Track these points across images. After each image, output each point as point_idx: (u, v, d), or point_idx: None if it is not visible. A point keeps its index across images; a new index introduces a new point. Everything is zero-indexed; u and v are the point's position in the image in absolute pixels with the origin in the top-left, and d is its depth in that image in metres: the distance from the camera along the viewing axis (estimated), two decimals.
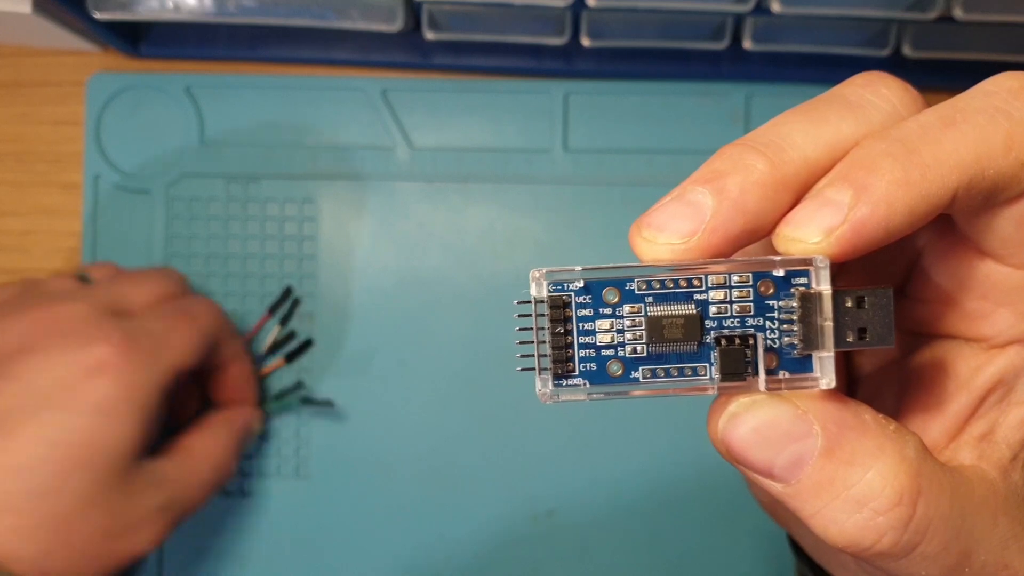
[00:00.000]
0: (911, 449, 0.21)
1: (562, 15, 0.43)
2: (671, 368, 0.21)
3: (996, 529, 0.22)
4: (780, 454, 0.20)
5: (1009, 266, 0.21)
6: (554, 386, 0.21)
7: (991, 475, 0.22)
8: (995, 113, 0.20)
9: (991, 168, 0.19)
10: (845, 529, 0.20)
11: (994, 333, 0.22)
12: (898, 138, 0.20)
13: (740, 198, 0.20)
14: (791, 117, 0.21)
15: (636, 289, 0.20)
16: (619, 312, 0.20)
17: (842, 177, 0.20)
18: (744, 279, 0.20)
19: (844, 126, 0.21)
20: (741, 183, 0.20)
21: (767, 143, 0.21)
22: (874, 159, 0.20)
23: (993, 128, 0.20)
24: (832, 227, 0.19)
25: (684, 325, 0.20)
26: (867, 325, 0.20)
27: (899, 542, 0.20)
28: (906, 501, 0.20)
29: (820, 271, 0.20)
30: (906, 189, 0.19)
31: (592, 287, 0.20)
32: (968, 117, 0.20)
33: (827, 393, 0.21)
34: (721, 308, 0.20)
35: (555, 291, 0.20)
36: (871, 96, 0.21)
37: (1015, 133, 0.20)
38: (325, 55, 0.47)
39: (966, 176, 0.19)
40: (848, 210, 0.19)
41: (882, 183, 0.19)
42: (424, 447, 0.47)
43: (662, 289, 0.20)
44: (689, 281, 0.20)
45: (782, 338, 0.20)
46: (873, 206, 0.19)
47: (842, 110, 0.21)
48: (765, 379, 0.20)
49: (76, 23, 0.44)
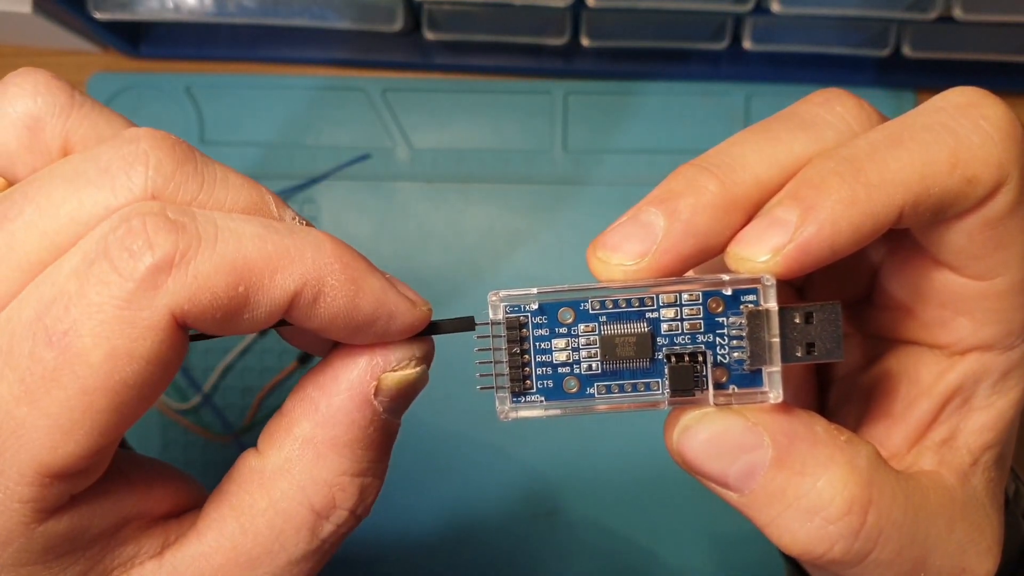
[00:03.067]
0: (863, 459, 0.21)
1: (562, 15, 0.43)
2: (625, 384, 0.21)
3: (952, 534, 0.22)
4: (732, 465, 0.21)
5: (965, 276, 0.21)
6: (512, 403, 0.21)
7: (949, 481, 0.22)
8: (941, 131, 0.20)
9: (936, 186, 0.20)
10: (798, 538, 0.21)
11: (954, 340, 0.23)
12: (846, 157, 0.20)
13: (691, 219, 0.20)
14: (746, 137, 0.22)
15: (590, 309, 0.21)
16: (574, 331, 0.21)
17: (791, 196, 0.20)
18: (694, 297, 0.21)
19: (796, 145, 0.21)
20: (693, 205, 0.20)
21: (719, 164, 0.21)
22: (822, 178, 0.20)
23: (938, 146, 0.20)
24: (779, 246, 0.20)
25: (636, 343, 0.21)
26: (815, 340, 0.21)
27: (850, 550, 0.21)
28: (856, 510, 0.21)
29: (767, 289, 0.21)
30: (852, 208, 0.19)
31: (547, 308, 0.21)
32: (915, 135, 0.20)
33: (778, 406, 0.21)
34: (672, 326, 0.21)
35: (512, 313, 0.21)
36: (825, 114, 0.22)
37: (960, 151, 0.20)
38: (325, 55, 0.47)
39: (911, 194, 0.20)
40: (795, 229, 0.20)
41: (828, 202, 0.19)
42: (424, 447, 0.47)
43: (615, 308, 0.21)
44: (641, 300, 0.21)
45: (732, 353, 0.21)
46: (819, 225, 0.19)
47: (795, 129, 0.21)
48: (714, 394, 0.21)
49: (76, 23, 0.44)
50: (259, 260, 0.18)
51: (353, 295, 0.19)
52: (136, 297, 0.17)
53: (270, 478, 0.21)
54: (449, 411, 0.47)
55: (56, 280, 0.18)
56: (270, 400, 0.47)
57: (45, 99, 0.20)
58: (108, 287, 0.17)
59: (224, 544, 0.20)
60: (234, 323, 0.19)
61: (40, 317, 0.17)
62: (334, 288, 0.19)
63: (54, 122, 0.20)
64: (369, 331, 0.20)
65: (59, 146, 0.20)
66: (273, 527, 0.20)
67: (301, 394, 0.21)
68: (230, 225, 0.18)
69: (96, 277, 0.17)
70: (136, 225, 0.18)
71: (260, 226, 0.19)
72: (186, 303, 0.18)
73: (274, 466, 0.21)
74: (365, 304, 0.19)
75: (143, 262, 0.17)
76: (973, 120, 0.20)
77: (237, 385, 0.47)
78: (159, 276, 0.17)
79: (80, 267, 0.18)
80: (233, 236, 0.18)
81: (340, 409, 0.20)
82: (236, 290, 0.18)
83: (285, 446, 0.21)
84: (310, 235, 0.19)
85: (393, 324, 0.20)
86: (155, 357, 0.18)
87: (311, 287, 0.19)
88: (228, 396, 0.47)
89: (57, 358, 0.17)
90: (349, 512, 0.21)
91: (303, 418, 0.21)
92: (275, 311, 0.19)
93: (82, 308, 0.17)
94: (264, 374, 0.47)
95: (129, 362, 0.17)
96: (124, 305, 0.17)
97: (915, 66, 0.45)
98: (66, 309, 0.17)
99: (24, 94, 0.20)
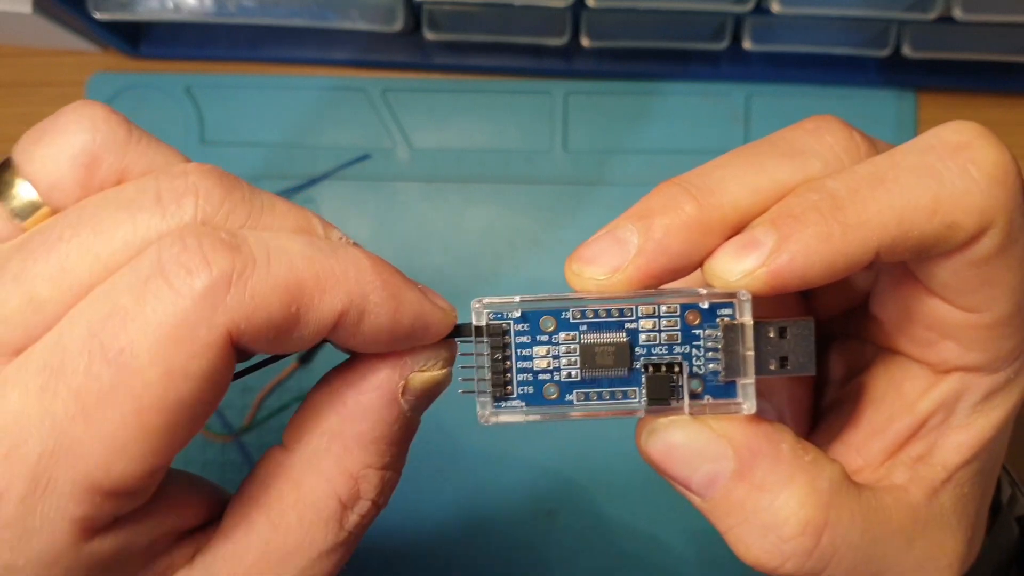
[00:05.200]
0: (824, 480, 0.21)
1: (562, 15, 0.43)
2: (603, 392, 0.22)
3: (910, 552, 0.22)
4: (695, 472, 0.22)
5: (953, 306, 0.21)
6: (493, 408, 0.22)
7: (916, 498, 0.23)
8: (925, 173, 0.20)
9: (915, 230, 0.20)
10: (752, 550, 0.22)
11: (939, 361, 0.23)
12: (829, 191, 0.20)
13: (664, 239, 0.21)
14: (730, 160, 0.22)
15: (571, 318, 0.21)
16: (555, 339, 0.21)
17: (771, 221, 0.20)
18: (672, 309, 0.21)
19: (780, 173, 0.21)
20: (667, 225, 0.21)
21: (700, 186, 0.21)
22: (803, 210, 0.20)
23: (920, 190, 0.20)
24: (752, 268, 0.20)
25: (615, 353, 0.21)
26: (788, 354, 0.21)
27: (802, 568, 0.21)
28: (810, 532, 0.21)
29: (743, 304, 0.21)
30: (827, 244, 0.20)
31: (530, 316, 0.21)
32: (898, 175, 0.20)
33: (748, 418, 0.22)
34: (650, 336, 0.21)
35: (495, 319, 0.21)
36: (815, 143, 0.22)
37: (942, 196, 0.20)
38: (325, 55, 0.47)
39: (888, 237, 0.20)
40: (769, 254, 0.20)
41: (804, 235, 0.20)
42: (424, 447, 0.47)
43: (595, 318, 0.21)
44: (621, 311, 0.21)
45: (707, 365, 0.22)
46: (791, 256, 0.20)
47: (781, 156, 0.22)
48: (689, 403, 0.22)
49: (76, 23, 0.44)
50: (310, 280, 0.18)
51: (394, 311, 0.20)
52: (194, 315, 0.17)
53: (298, 472, 0.21)
54: (449, 411, 0.47)
55: (111, 297, 0.18)
56: (270, 400, 0.47)
57: (104, 136, 0.20)
58: (164, 304, 0.17)
59: (255, 542, 0.20)
60: (283, 343, 0.19)
61: (95, 334, 0.17)
62: (377, 306, 0.19)
63: (111, 159, 0.20)
64: (406, 343, 0.20)
65: (113, 181, 0.20)
66: (303, 520, 0.21)
67: (328, 389, 0.21)
68: (281, 245, 0.19)
69: (153, 294, 0.17)
70: (192, 244, 0.18)
71: (307, 245, 0.19)
72: (243, 322, 0.18)
73: (301, 460, 0.21)
74: (405, 319, 0.20)
75: (200, 280, 0.17)
76: (961, 164, 0.20)
77: (237, 385, 0.47)
78: (217, 294, 0.17)
79: (136, 284, 0.17)
80: (285, 256, 0.18)
81: (369, 406, 0.21)
82: (289, 310, 0.18)
83: (312, 440, 0.21)
84: (350, 253, 0.20)
85: (428, 334, 0.21)
86: (210, 376, 0.18)
87: (356, 306, 0.19)
88: (228, 396, 0.47)
89: (113, 376, 0.17)
90: (372, 502, 0.21)
91: (331, 413, 0.21)
92: (322, 330, 0.19)
93: (139, 325, 0.17)
94: (264, 374, 0.47)
95: (185, 381, 0.17)
96: (181, 323, 0.17)
97: (915, 66, 0.45)
98: (123, 326, 0.17)
99: (82, 130, 0.20)
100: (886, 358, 0.25)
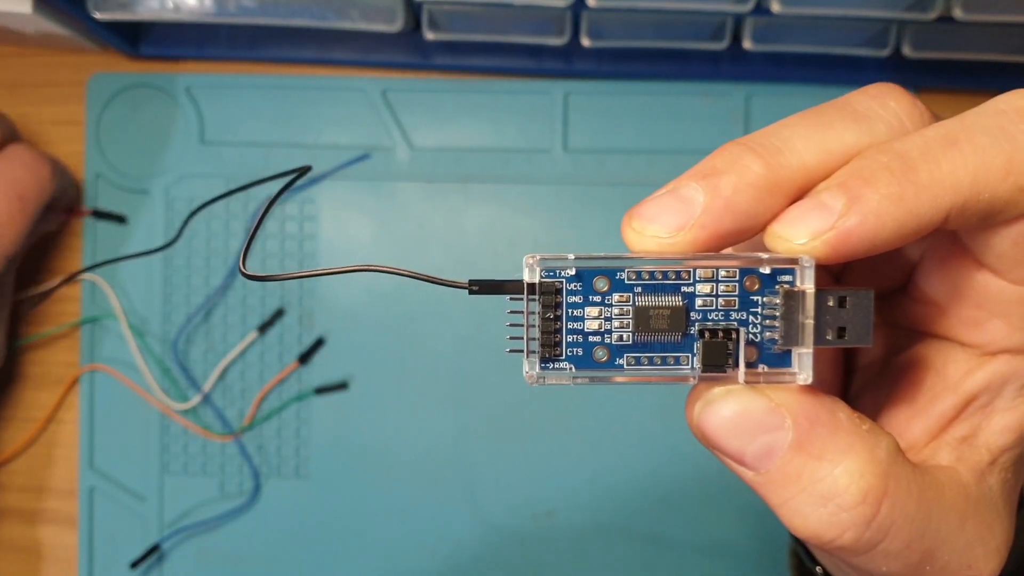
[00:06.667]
0: (882, 450, 0.21)
1: (562, 15, 0.43)
2: (655, 357, 0.21)
3: (963, 531, 0.22)
4: (751, 443, 0.21)
5: (1005, 280, 0.21)
6: (541, 368, 0.21)
7: (965, 478, 0.22)
8: (999, 134, 0.20)
9: (987, 191, 0.19)
10: (809, 522, 0.21)
11: (986, 341, 0.22)
12: (899, 153, 0.20)
13: (732, 198, 0.20)
14: (797, 120, 0.21)
15: (626, 279, 0.21)
16: (608, 300, 0.21)
17: (839, 184, 0.20)
18: (731, 274, 0.21)
19: (848, 135, 0.21)
20: (735, 183, 0.20)
21: (767, 145, 0.21)
22: (873, 171, 0.20)
23: (994, 151, 0.19)
24: (820, 231, 0.20)
25: (670, 316, 0.21)
26: (847, 324, 0.20)
27: (861, 539, 0.21)
28: (870, 500, 0.20)
29: (805, 270, 0.20)
30: (898, 205, 0.19)
31: (583, 275, 0.21)
32: (971, 137, 0.20)
33: (804, 388, 0.21)
34: (707, 301, 0.21)
35: (547, 277, 0.21)
36: (879, 108, 0.21)
37: (1016, 158, 0.19)
38: (325, 55, 0.47)
39: (960, 198, 0.19)
40: (838, 217, 0.19)
41: (875, 196, 0.19)
42: (424, 447, 0.47)
43: (651, 280, 0.21)
44: (677, 274, 0.21)
45: (764, 333, 0.21)
46: (862, 217, 0.19)
47: (848, 119, 0.21)
48: (744, 371, 0.21)
49: (76, 23, 0.44)
50: None
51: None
52: None
53: None
54: (449, 411, 0.47)
55: None
56: (270, 400, 0.47)
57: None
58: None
59: None
60: None
61: None
62: None
63: None
64: None
65: None
66: None
67: None
68: None
69: None
70: None
71: None
72: None
73: None
74: None
75: None
76: None
77: (237, 385, 0.47)
78: None
79: None
80: None
81: None
82: None
83: None
84: None
85: None
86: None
87: None
88: (228, 396, 0.47)
89: None
90: None
91: None
92: None
93: None
94: (264, 374, 0.47)
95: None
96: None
97: (915, 66, 0.45)
98: None
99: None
100: (926, 342, 0.24)
